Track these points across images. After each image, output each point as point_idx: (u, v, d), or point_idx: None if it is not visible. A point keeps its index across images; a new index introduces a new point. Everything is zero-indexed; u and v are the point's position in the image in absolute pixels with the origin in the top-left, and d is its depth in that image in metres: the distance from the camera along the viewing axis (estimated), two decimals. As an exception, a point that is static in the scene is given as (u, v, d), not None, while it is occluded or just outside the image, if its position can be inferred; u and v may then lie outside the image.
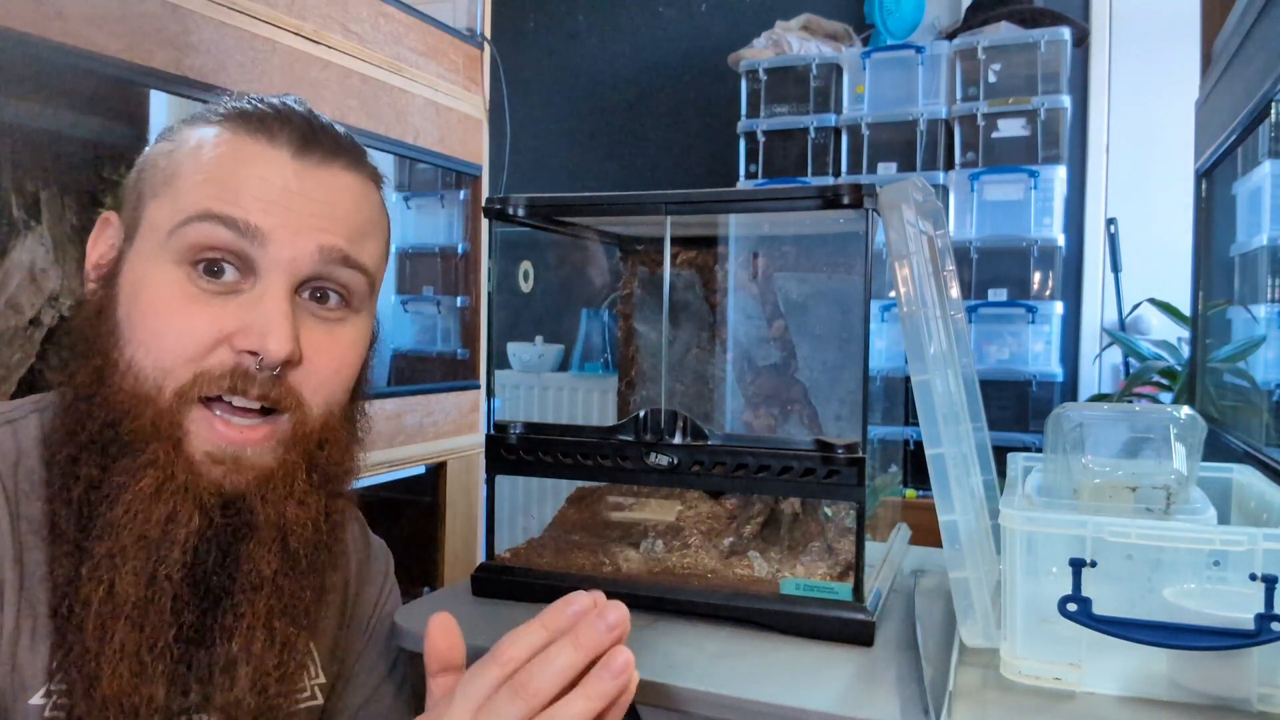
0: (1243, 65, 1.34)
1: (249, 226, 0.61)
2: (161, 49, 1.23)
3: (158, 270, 0.61)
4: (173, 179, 0.63)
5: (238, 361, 0.61)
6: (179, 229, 0.61)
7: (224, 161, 0.63)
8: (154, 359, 0.60)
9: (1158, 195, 2.64)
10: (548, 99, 3.47)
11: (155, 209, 0.63)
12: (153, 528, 0.58)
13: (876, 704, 0.70)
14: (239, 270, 0.62)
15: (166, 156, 0.65)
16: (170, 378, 0.60)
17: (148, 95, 1.26)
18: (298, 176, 0.64)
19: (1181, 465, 0.83)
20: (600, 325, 3.16)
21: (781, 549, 0.93)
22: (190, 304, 0.61)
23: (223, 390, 0.60)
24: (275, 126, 0.64)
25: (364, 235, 0.67)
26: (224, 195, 0.61)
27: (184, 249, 0.61)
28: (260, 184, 0.62)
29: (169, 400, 0.60)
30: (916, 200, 0.84)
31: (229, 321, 0.61)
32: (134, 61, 1.20)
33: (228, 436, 0.61)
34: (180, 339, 0.60)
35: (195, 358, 0.60)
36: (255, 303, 0.61)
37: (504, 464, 0.95)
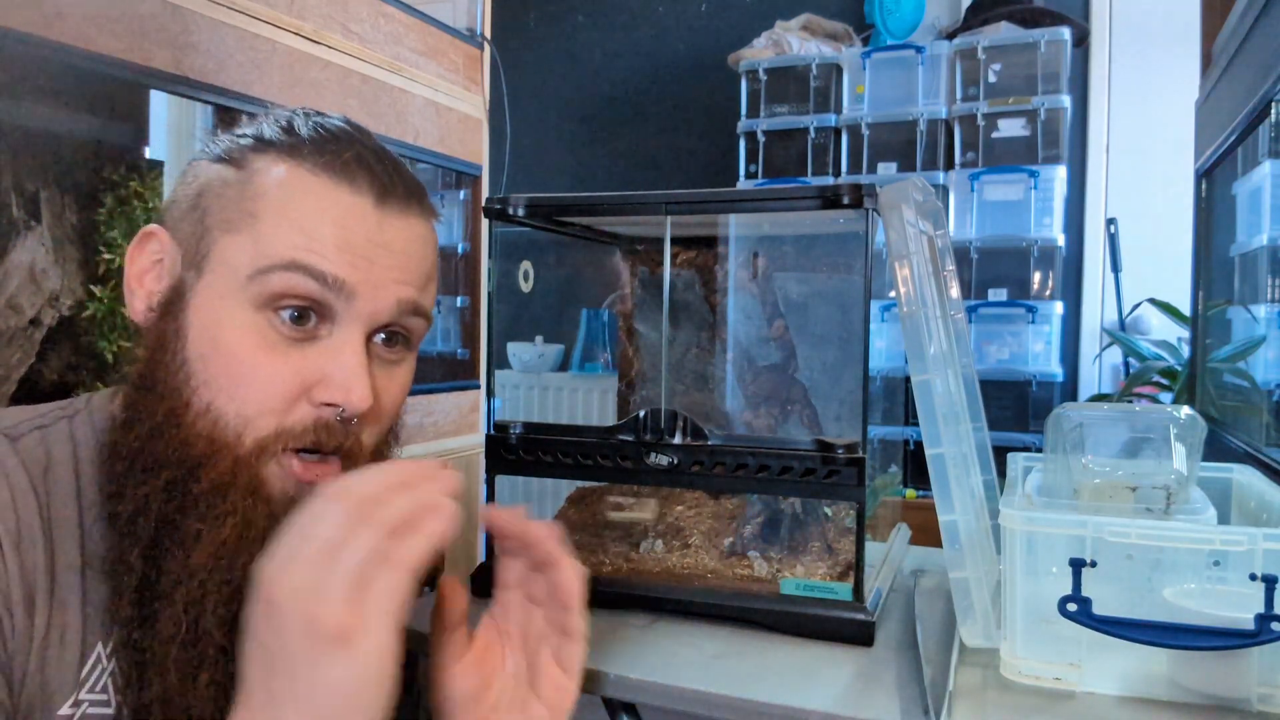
0: (1243, 65, 1.34)
1: (337, 281, 0.61)
2: (161, 49, 1.23)
3: (237, 313, 0.61)
4: (251, 219, 0.62)
5: (318, 415, 0.61)
6: (261, 275, 0.61)
7: (308, 210, 0.62)
8: (236, 407, 0.60)
9: (1158, 195, 2.64)
10: (548, 99, 3.47)
11: (232, 247, 0.62)
12: (237, 572, 0.59)
13: (876, 704, 0.70)
14: (318, 316, 0.62)
15: (237, 189, 0.63)
16: (251, 427, 0.60)
17: (148, 95, 1.26)
18: (379, 227, 0.64)
19: (1181, 465, 0.83)
20: (600, 325, 3.16)
21: (781, 549, 0.93)
22: (273, 353, 0.61)
23: (305, 444, 0.61)
24: (357, 172, 0.64)
25: (429, 281, 0.68)
26: (311, 246, 0.61)
27: (267, 295, 0.61)
28: (345, 236, 0.62)
29: (249, 449, 0.60)
30: (916, 200, 0.84)
31: (310, 371, 0.61)
32: (134, 61, 1.20)
33: (304, 476, 0.62)
34: (264, 389, 0.60)
35: (277, 409, 0.61)
36: (335, 353, 0.62)
37: (504, 464, 0.95)
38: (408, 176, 0.68)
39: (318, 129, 0.66)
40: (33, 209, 1.12)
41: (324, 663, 0.48)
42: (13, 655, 0.58)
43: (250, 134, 0.66)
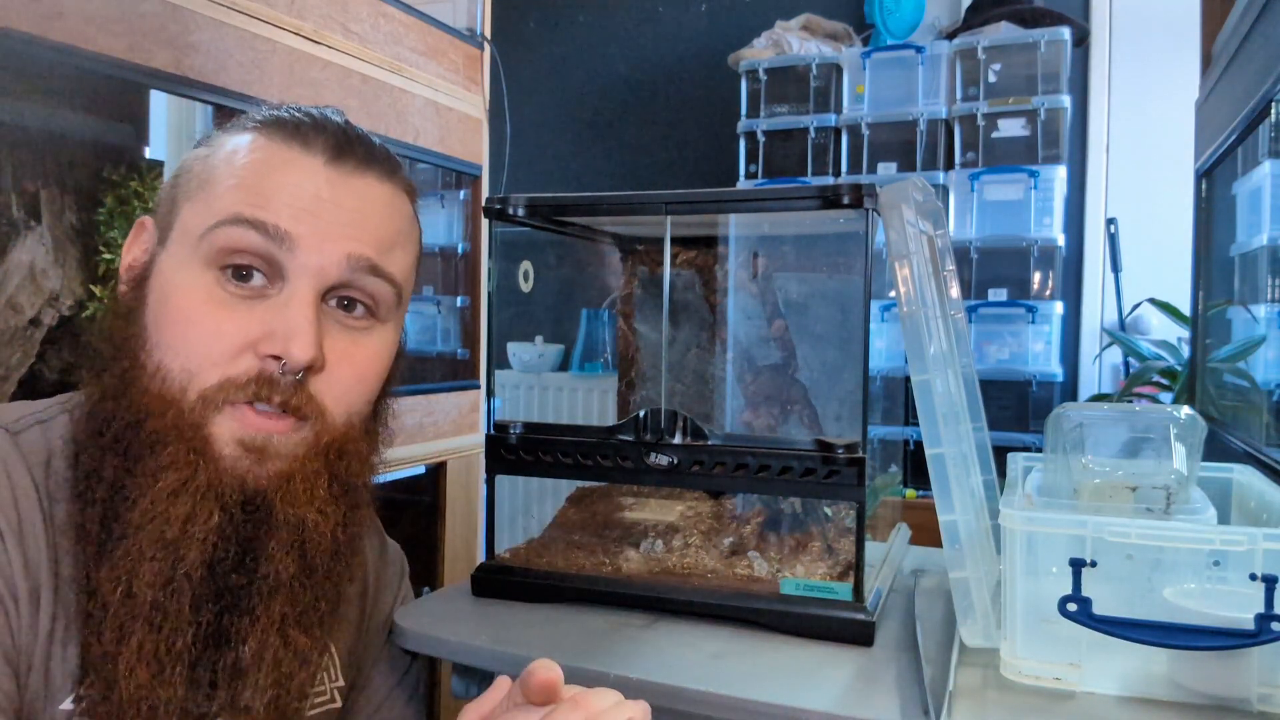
0: (1243, 65, 1.34)
1: (278, 231, 0.62)
2: (161, 49, 1.23)
3: (187, 274, 0.62)
4: (206, 183, 0.64)
5: (261, 367, 0.61)
6: (209, 232, 0.62)
7: (257, 167, 0.63)
8: (181, 362, 0.61)
9: (1158, 195, 2.64)
10: (548, 99, 3.47)
11: (189, 213, 0.64)
12: (171, 527, 0.58)
13: (876, 704, 0.70)
14: (266, 275, 0.63)
15: (202, 161, 0.65)
16: (195, 381, 0.60)
17: (148, 95, 1.26)
18: (330, 184, 0.64)
19: (1181, 465, 0.83)
20: (600, 325, 3.16)
21: (781, 549, 0.93)
22: (218, 308, 0.61)
23: (247, 397, 0.61)
24: (310, 134, 0.65)
25: (393, 246, 0.67)
26: (255, 200, 0.62)
27: (213, 253, 0.62)
28: (292, 190, 0.63)
29: (192, 402, 0.60)
30: (916, 200, 0.84)
31: (255, 326, 0.61)
32: (134, 61, 1.20)
33: (258, 424, 0.61)
34: (207, 343, 0.61)
35: (221, 362, 0.61)
36: (281, 308, 0.62)
37: (504, 464, 0.95)
38: (373, 146, 0.68)
39: (289, 110, 0.67)
40: (33, 209, 1.12)
41: None
42: (20, 648, 0.58)
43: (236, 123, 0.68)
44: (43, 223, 1.13)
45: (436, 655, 0.85)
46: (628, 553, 0.95)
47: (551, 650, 0.80)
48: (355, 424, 0.67)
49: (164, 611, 0.58)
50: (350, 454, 0.66)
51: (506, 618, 0.89)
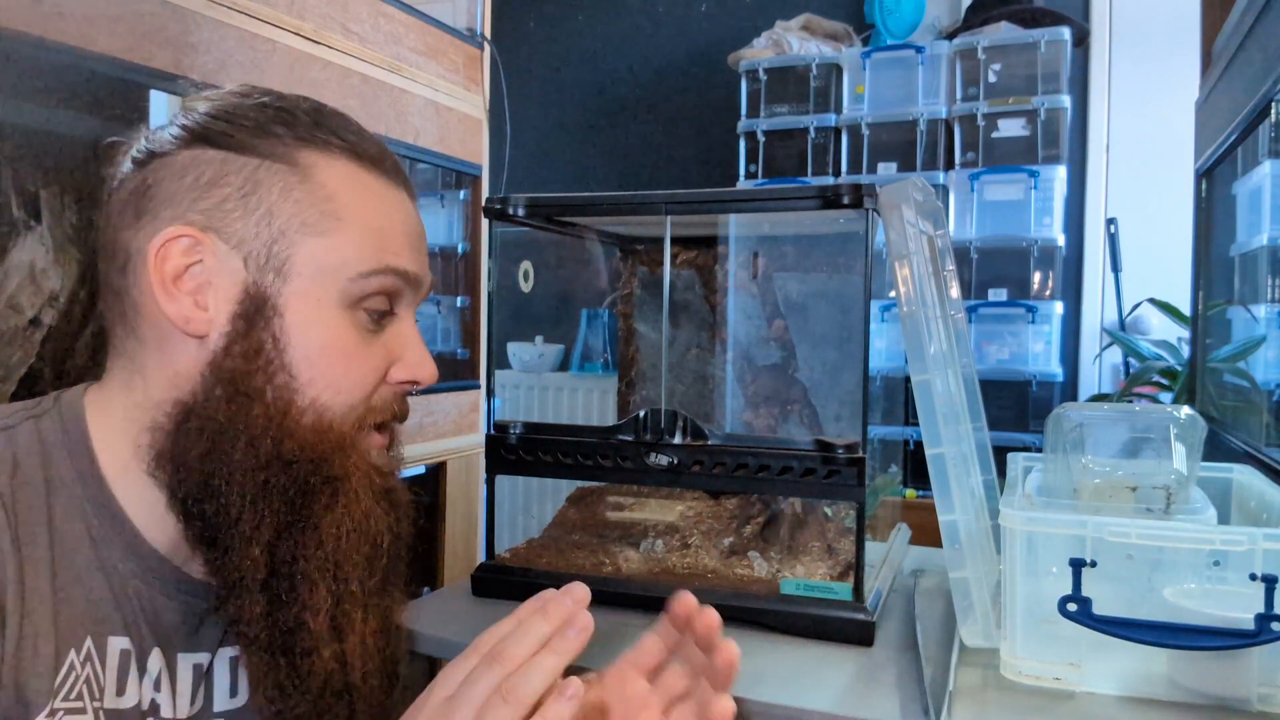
0: (1243, 65, 1.34)
1: (415, 278, 0.69)
2: (161, 49, 1.23)
3: (334, 313, 0.65)
4: (335, 221, 0.65)
5: (396, 392, 0.69)
6: (361, 279, 0.65)
7: (376, 207, 0.67)
8: (344, 398, 0.65)
9: (1158, 195, 2.64)
10: (548, 99, 3.47)
11: (318, 250, 0.64)
12: (366, 541, 0.65)
13: (876, 704, 0.70)
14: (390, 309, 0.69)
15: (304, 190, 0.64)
16: (352, 413, 0.67)
17: (148, 95, 1.26)
18: (414, 217, 0.71)
19: (1181, 465, 0.83)
20: (600, 325, 3.16)
21: (781, 549, 0.93)
22: (362, 345, 0.67)
23: (388, 418, 0.69)
24: (385, 161, 0.69)
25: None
26: (392, 247, 0.67)
27: (358, 296, 0.66)
28: (404, 229, 0.69)
29: (349, 433, 0.66)
30: (916, 200, 0.84)
31: (384, 355, 0.68)
32: (134, 61, 1.20)
33: (380, 441, 0.70)
34: (362, 380, 0.67)
35: (370, 394, 0.67)
36: (399, 335, 0.69)
37: (504, 464, 0.95)
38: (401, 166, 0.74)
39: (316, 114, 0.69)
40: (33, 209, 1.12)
41: None
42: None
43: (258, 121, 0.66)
44: (43, 223, 1.14)
45: (436, 655, 0.85)
46: (627, 553, 0.95)
47: (551, 650, 0.80)
48: None
49: (367, 610, 0.66)
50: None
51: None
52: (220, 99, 0.69)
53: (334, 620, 0.65)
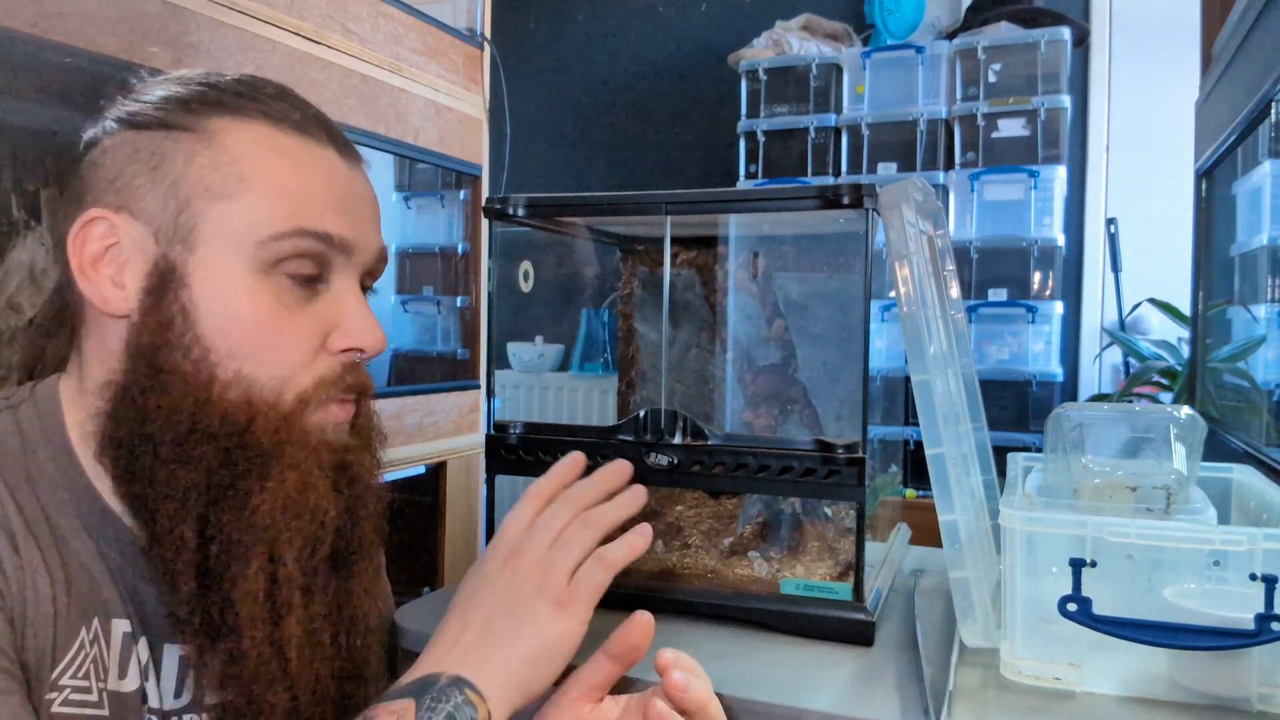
0: (1243, 65, 1.34)
1: (341, 240, 0.65)
2: (161, 49, 1.23)
3: (248, 281, 0.62)
4: (239, 183, 0.62)
5: (344, 361, 0.66)
6: (271, 243, 0.62)
7: (292, 167, 0.64)
8: (269, 370, 0.62)
9: (1158, 195, 2.64)
10: (548, 99, 3.47)
11: (224, 215, 0.62)
12: (304, 520, 0.62)
13: (876, 704, 0.70)
14: (319, 272, 0.65)
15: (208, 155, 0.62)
16: (289, 385, 0.63)
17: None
18: (348, 178, 0.67)
19: (1181, 465, 0.83)
20: (600, 325, 3.16)
21: (781, 549, 0.93)
22: (292, 313, 0.64)
23: (341, 391, 0.65)
24: (312, 125, 0.66)
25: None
26: (310, 209, 0.64)
27: (274, 260, 0.63)
28: (330, 191, 0.65)
29: (291, 406, 0.63)
30: (916, 200, 0.84)
31: (320, 323, 0.65)
32: (134, 61, 1.20)
33: (341, 415, 0.67)
34: (292, 348, 0.63)
35: (307, 364, 0.64)
36: (339, 302, 0.66)
37: (504, 464, 0.95)
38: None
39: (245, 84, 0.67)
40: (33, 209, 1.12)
41: (544, 619, 0.62)
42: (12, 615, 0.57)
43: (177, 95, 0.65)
44: (43, 223, 1.14)
45: (436, 655, 0.85)
46: (628, 553, 0.95)
47: (551, 650, 0.80)
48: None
49: (309, 594, 0.64)
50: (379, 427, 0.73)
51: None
52: (148, 83, 0.68)
53: (270, 601, 0.62)
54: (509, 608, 0.62)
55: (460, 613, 0.64)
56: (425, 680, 0.60)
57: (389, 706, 0.58)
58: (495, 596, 0.63)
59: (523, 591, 0.63)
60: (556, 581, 0.63)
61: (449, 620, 0.64)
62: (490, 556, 0.66)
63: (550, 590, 0.63)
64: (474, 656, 0.61)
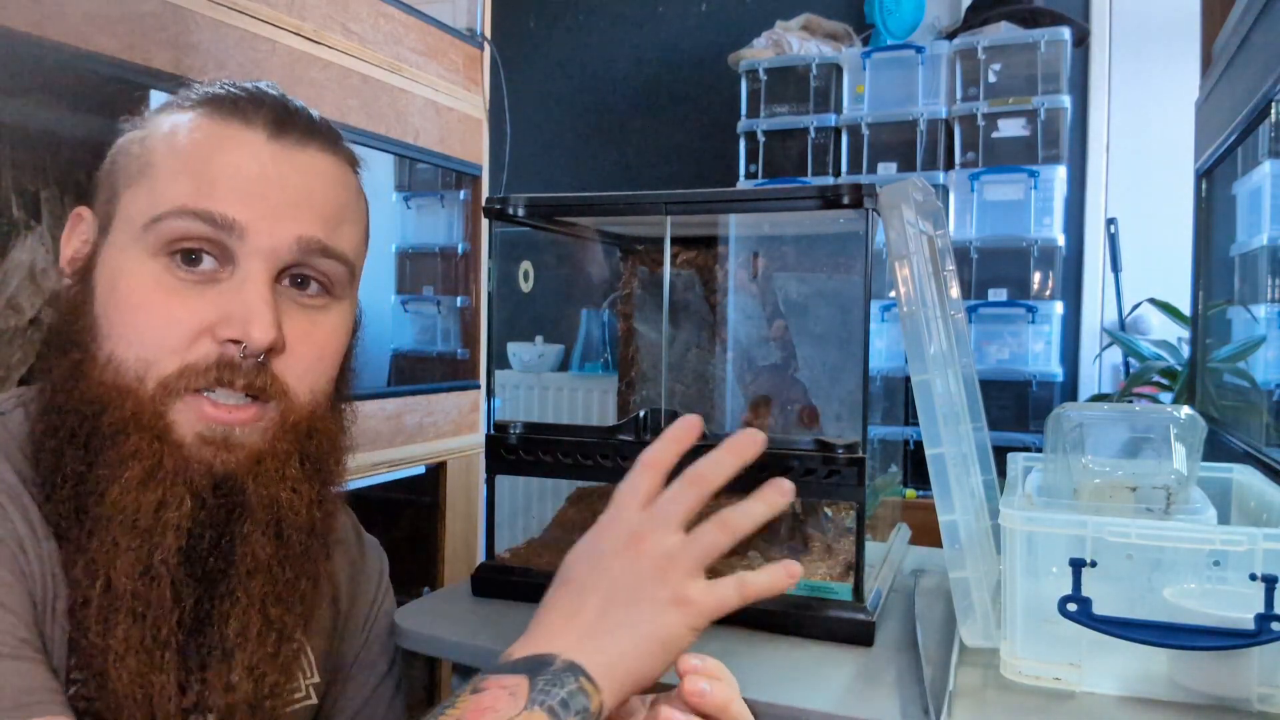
0: (1243, 65, 1.34)
1: (226, 220, 0.60)
2: (161, 49, 1.23)
3: (134, 262, 0.61)
4: (146, 168, 0.62)
5: (221, 352, 0.60)
6: (154, 224, 0.60)
7: (198, 149, 0.62)
8: (135, 351, 0.60)
9: (1158, 195, 2.63)
10: (548, 99, 3.47)
11: (130, 200, 0.62)
12: (144, 516, 0.58)
13: (876, 704, 0.70)
14: (217, 259, 0.62)
15: (139, 144, 0.64)
16: (152, 369, 0.60)
17: (148, 95, 1.26)
18: (274, 160, 0.63)
19: (1181, 465, 0.83)
20: (600, 325, 3.16)
21: (781, 549, 0.93)
22: (169, 295, 0.60)
23: (209, 383, 0.60)
24: (249, 108, 0.63)
25: (341, 221, 0.66)
26: (199, 188, 0.61)
27: (160, 242, 0.60)
28: (236, 172, 0.61)
29: (151, 391, 0.59)
30: (916, 200, 0.84)
31: (210, 311, 0.60)
32: (134, 61, 1.20)
33: (217, 417, 0.61)
34: (162, 331, 0.60)
35: (178, 349, 0.60)
36: (235, 291, 0.61)
37: (504, 464, 0.95)
38: (313, 118, 0.67)
39: (224, 85, 0.66)
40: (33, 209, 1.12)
41: (663, 610, 0.58)
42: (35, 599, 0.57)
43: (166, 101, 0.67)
44: (43, 223, 1.14)
45: (436, 655, 0.85)
46: (628, 553, 0.95)
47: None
48: (320, 402, 0.66)
49: (146, 600, 0.58)
50: (320, 432, 0.66)
51: (506, 618, 0.89)
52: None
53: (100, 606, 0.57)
54: (628, 595, 0.58)
55: (575, 590, 0.59)
56: (539, 659, 0.56)
57: (500, 680, 0.55)
58: (611, 580, 0.59)
59: (643, 581, 0.59)
60: (681, 580, 0.59)
61: (560, 594, 0.60)
62: (606, 533, 0.61)
63: (673, 587, 0.59)
64: (590, 643, 0.57)
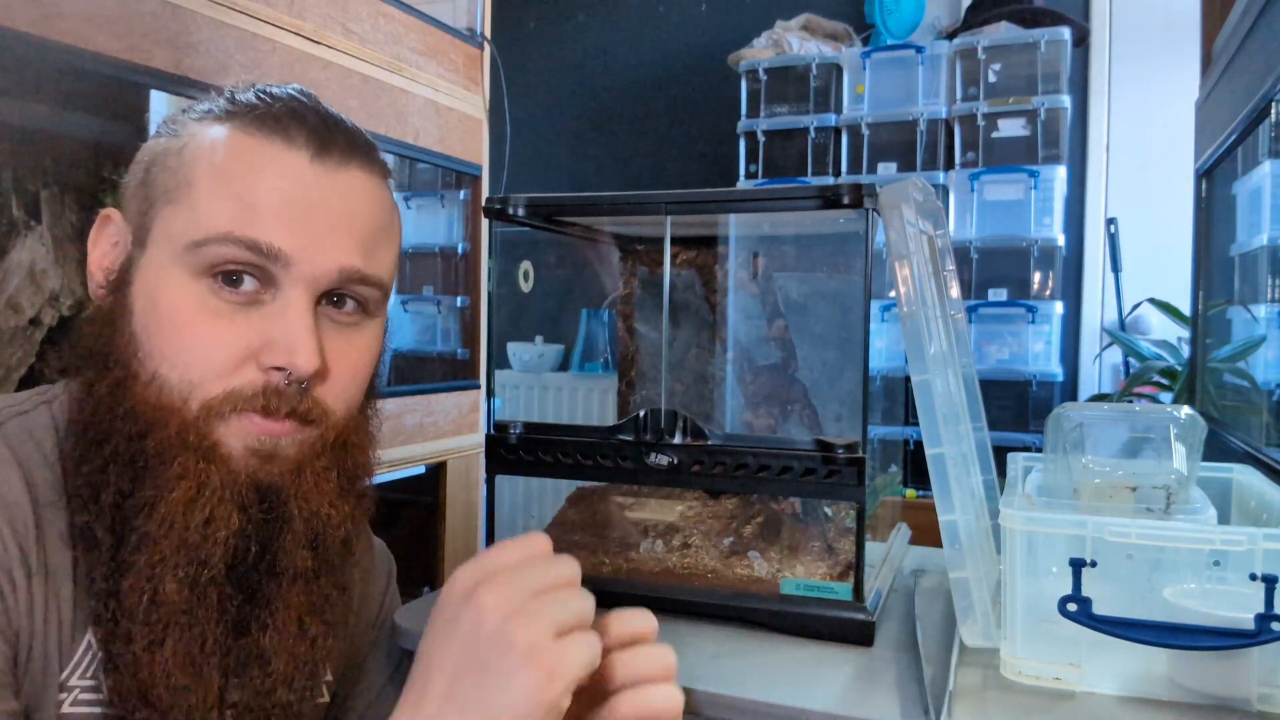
0: (1243, 65, 1.34)
1: (272, 250, 0.60)
2: (161, 49, 1.23)
3: (175, 282, 0.61)
4: (185, 187, 0.62)
5: (267, 380, 0.61)
6: (198, 248, 0.60)
7: (240, 170, 0.61)
8: (180, 373, 0.60)
9: (1158, 195, 2.64)
10: (548, 99, 3.47)
11: (171, 217, 0.62)
12: (192, 534, 0.59)
13: (876, 704, 0.70)
14: (259, 280, 0.62)
15: (176, 156, 0.63)
16: (197, 391, 0.60)
17: (148, 95, 1.26)
18: (317, 183, 0.62)
19: (1181, 465, 0.83)
20: (600, 325, 3.16)
21: (781, 549, 0.93)
22: (214, 318, 0.60)
23: (254, 409, 0.60)
24: (291, 126, 0.63)
25: (379, 245, 0.66)
26: (244, 215, 0.60)
27: (203, 265, 0.61)
28: (279, 197, 0.61)
29: (196, 412, 0.60)
30: (916, 200, 0.84)
31: (254, 336, 0.61)
32: (134, 61, 1.20)
33: (266, 429, 0.61)
34: (206, 354, 0.60)
35: (223, 374, 0.60)
36: (278, 316, 0.61)
37: (504, 464, 0.95)
38: (353, 132, 0.67)
39: (261, 95, 0.65)
40: (33, 209, 1.12)
41: (516, 680, 0.49)
42: (18, 630, 0.58)
43: (196, 106, 0.66)
44: (43, 223, 1.14)
45: (436, 655, 0.85)
46: (627, 553, 0.95)
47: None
48: (354, 416, 0.67)
49: (193, 615, 0.59)
50: (354, 446, 0.66)
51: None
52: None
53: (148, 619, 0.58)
54: (478, 662, 0.50)
55: (422, 668, 0.53)
56: None
57: None
58: (459, 647, 0.51)
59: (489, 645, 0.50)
60: (538, 636, 0.50)
61: (411, 678, 0.54)
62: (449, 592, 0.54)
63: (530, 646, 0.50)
64: None
